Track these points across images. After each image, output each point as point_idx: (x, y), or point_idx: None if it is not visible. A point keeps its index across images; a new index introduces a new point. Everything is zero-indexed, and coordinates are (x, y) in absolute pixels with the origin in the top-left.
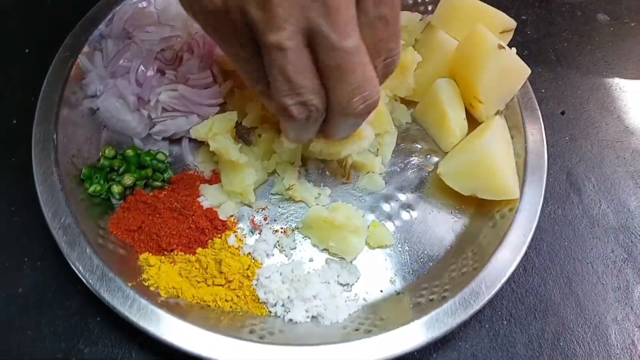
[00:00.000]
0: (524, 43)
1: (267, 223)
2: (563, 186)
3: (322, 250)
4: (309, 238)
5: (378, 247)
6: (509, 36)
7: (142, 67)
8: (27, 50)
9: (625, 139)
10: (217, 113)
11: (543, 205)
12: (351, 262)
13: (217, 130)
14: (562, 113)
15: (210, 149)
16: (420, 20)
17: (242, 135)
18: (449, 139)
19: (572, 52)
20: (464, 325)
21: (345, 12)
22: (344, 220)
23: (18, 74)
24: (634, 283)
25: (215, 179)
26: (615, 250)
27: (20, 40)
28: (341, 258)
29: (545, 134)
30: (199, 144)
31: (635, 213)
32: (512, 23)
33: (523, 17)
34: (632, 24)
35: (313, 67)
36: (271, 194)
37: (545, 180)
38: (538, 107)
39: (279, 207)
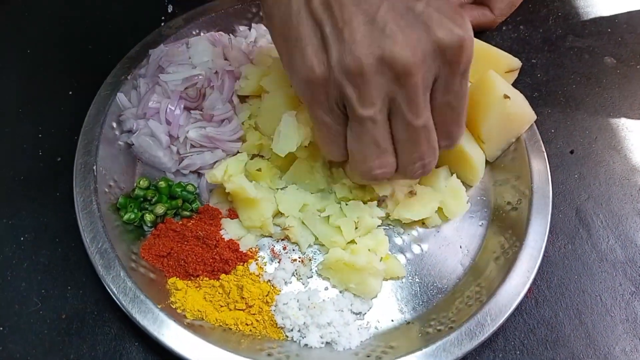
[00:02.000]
0: (534, 85)
1: (286, 252)
2: (572, 222)
3: (341, 291)
4: (328, 280)
5: (390, 279)
6: (515, 75)
7: (170, 107)
8: (70, 93)
9: (632, 177)
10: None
11: (553, 240)
12: None
13: (231, 172)
14: (571, 152)
15: (227, 190)
16: None
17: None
18: (473, 175)
19: (580, 93)
20: (479, 355)
21: (421, 97)
22: (365, 264)
23: (62, 115)
24: None
25: (232, 214)
26: (623, 284)
27: (64, 83)
28: None
29: (555, 172)
30: (213, 185)
31: None
32: (517, 63)
33: (533, 60)
34: (638, 67)
35: (391, 135)
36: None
37: (549, 219)
38: (544, 150)
39: None
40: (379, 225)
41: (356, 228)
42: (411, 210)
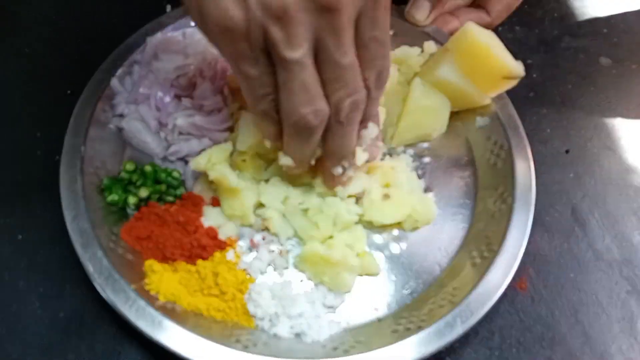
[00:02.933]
0: (529, 85)
1: (265, 243)
2: (568, 221)
3: (316, 284)
4: (304, 272)
5: (366, 275)
6: (512, 83)
7: (160, 94)
8: (68, 92)
9: (628, 176)
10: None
11: (549, 239)
12: None
13: (215, 161)
14: (567, 151)
15: (210, 178)
16: (419, 55)
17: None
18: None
19: (576, 93)
20: (475, 352)
21: (348, 33)
22: (340, 258)
23: (60, 114)
24: (638, 314)
25: (215, 202)
26: (619, 283)
27: (62, 83)
28: None
29: (551, 172)
30: (199, 172)
31: (638, 247)
32: (517, 71)
33: (529, 61)
34: (634, 67)
35: (319, 78)
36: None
37: (529, 227)
38: (531, 157)
39: None
40: (357, 223)
41: (334, 225)
42: (383, 213)
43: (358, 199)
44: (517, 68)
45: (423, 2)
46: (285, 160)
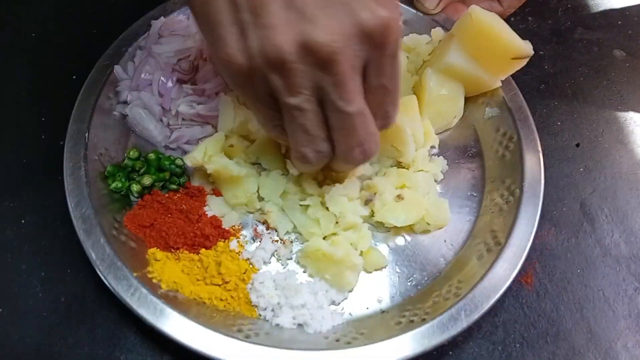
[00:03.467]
0: (541, 77)
1: (269, 233)
2: (577, 215)
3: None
4: (305, 268)
5: (375, 270)
6: (522, 63)
7: (162, 79)
8: (74, 77)
9: (638, 171)
10: None
11: (557, 233)
12: None
13: (211, 153)
14: (577, 145)
15: (208, 171)
16: (427, 43)
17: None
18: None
19: (588, 86)
20: (477, 347)
21: (351, 82)
22: (343, 256)
23: (65, 99)
24: None
25: (217, 192)
26: (626, 279)
27: (68, 68)
28: None
29: (560, 165)
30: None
31: None
32: (527, 50)
33: (541, 52)
34: None
35: (324, 121)
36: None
37: (537, 220)
38: (540, 149)
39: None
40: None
41: (337, 223)
42: (395, 215)
43: (368, 200)
44: (525, 47)
45: None
46: (292, 171)
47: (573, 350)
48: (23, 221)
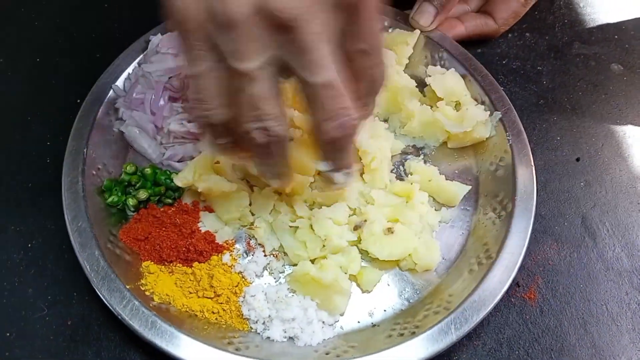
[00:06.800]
0: (539, 92)
1: (261, 246)
2: (578, 230)
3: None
4: (295, 293)
5: (374, 288)
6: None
7: (153, 97)
8: (78, 101)
9: (639, 185)
10: None
11: (559, 248)
12: None
13: (201, 172)
14: (577, 159)
15: (199, 190)
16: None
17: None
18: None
19: (586, 100)
20: None
21: (315, 52)
22: (331, 281)
23: (70, 122)
24: None
25: (209, 209)
26: (629, 293)
27: (72, 91)
28: None
29: (561, 180)
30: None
31: None
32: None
33: (539, 67)
34: None
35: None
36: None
37: (529, 235)
38: (533, 164)
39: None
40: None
41: (324, 246)
42: (380, 247)
43: (357, 226)
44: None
45: (427, 7)
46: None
47: None
48: (29, 245)
